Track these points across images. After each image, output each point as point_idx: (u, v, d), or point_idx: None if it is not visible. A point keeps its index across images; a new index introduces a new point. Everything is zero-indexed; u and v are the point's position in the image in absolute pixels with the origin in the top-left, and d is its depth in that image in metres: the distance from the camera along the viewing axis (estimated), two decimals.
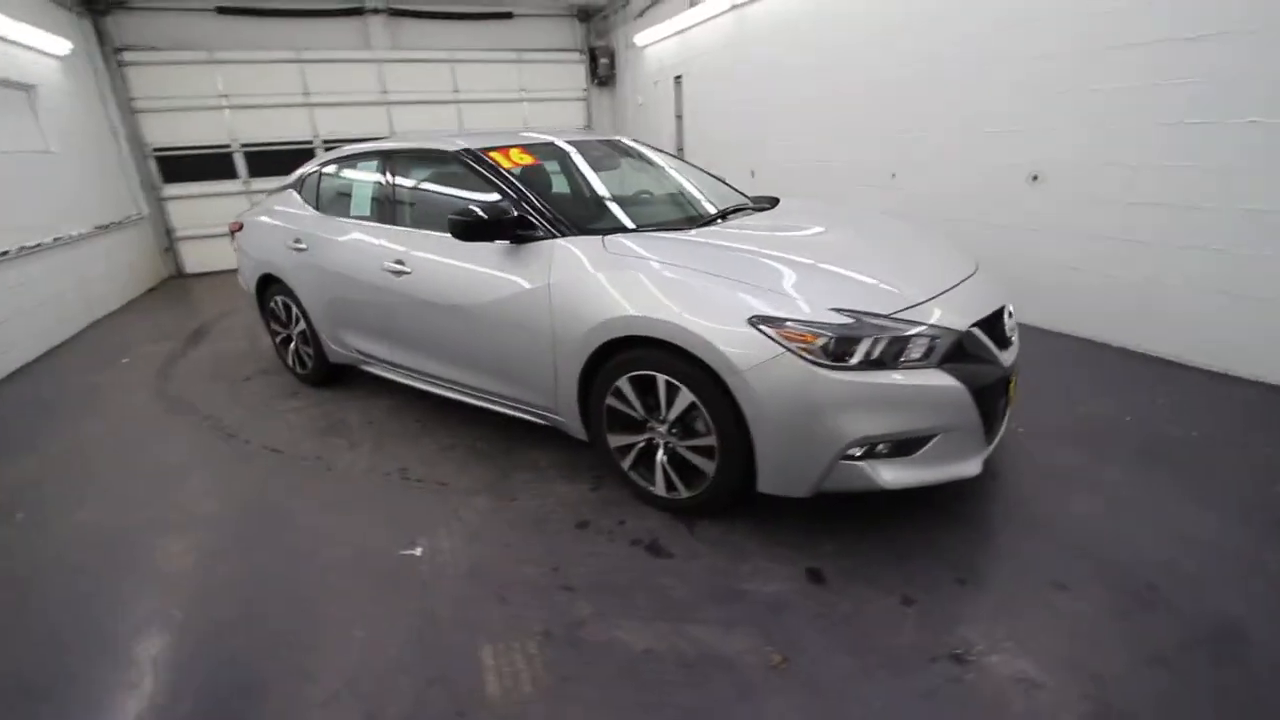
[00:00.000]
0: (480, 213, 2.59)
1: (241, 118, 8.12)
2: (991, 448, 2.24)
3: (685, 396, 2.21)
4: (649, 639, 1.86)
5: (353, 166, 3.59)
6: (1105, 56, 3.63)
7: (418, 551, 2.33)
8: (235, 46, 7.89)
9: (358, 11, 8.40)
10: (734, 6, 6.73)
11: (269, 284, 4.00)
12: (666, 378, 2.24)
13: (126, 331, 5.80)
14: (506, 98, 9.43)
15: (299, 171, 3.99)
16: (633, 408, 2.39)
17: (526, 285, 2.57)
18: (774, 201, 3.30)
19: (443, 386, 3.17)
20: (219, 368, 4.55)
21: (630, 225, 2.73)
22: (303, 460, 3.10)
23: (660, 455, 2.41)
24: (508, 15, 9.10)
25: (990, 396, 2.15)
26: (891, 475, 2.06)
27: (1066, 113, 3.88)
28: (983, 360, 2.17)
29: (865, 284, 2.21)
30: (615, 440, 2.52)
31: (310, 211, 3.72)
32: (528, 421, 2.89)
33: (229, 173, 8.25)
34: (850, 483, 2.08)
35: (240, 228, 4.23)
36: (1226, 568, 2.03)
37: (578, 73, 9.84)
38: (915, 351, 2.03)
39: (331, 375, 3.97)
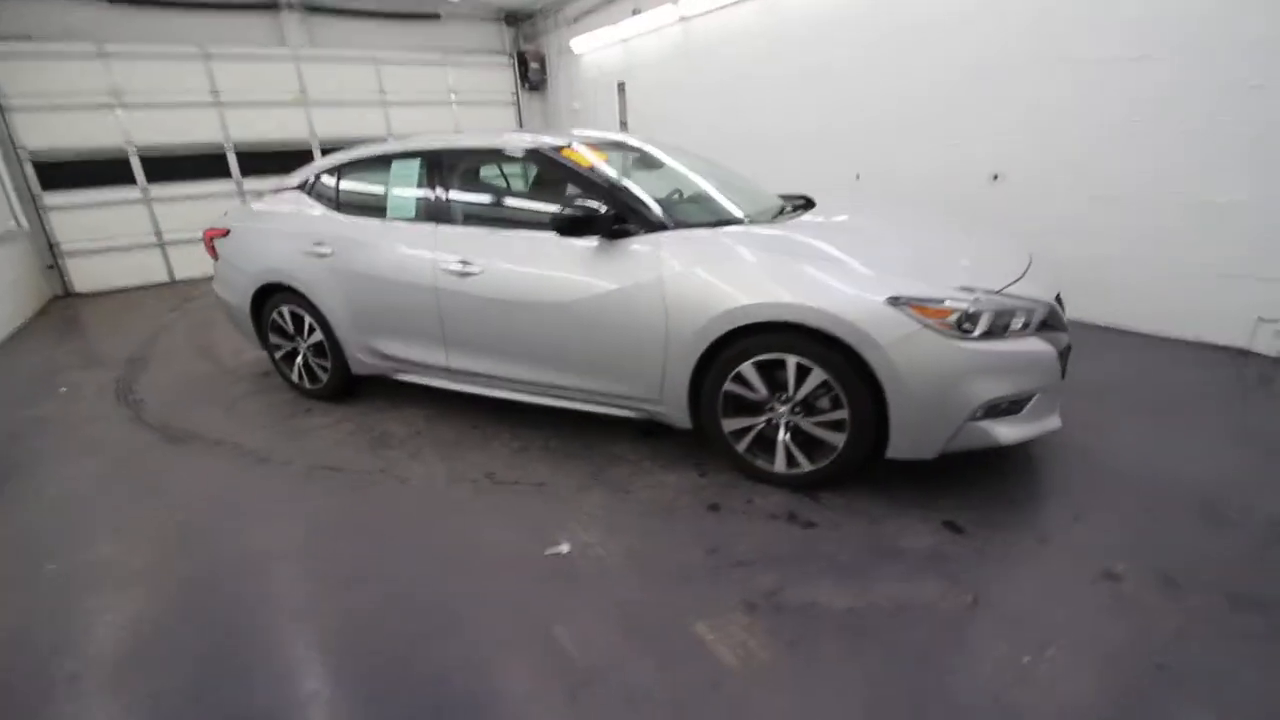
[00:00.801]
0: (581, 210, 2.61)
1: (138, 118, 7.29)
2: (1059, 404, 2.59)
3: (817, 375, 2.37)
4: (846, 598, 1.99)
5: (384, 167, 3.39)
6: (1057, 70, 4.22)
7: (564, 549, 2.31)
8: (129, 39, 7.06)
9: (271, 6, 7.80)
10: (681, 20, 7.00)
11: (268, 294, 3.69)
12: (798, 359, 2.38)
13: (39, 360, 5.05)
14: (435, 100, 9.13)
15: (304, 173, 3.71)
16: (754, 391, 2.51)
17: (630, 281, 2.61)
18: (807, 198, 3.53)
19: (514, 389, 3.10)
20: (195, 390, 4.11)
21: (731, 218, 2.84)
22: (370, 476, 2.92)
23: (782, 434, 2.55)
24: (434, 16, 8.82)
25: (1064, 359, 2.50)
26: (1007, 431, 2.33)
27: (1024, 119, 4.45)
28: (1058, 329, 2.51)
29: (968, 266, 2.49)
30: (731, 424, 2.62)
31: (331, 214, 3.48)
32: (597, 417, 2.93)
33: (125, 178, 7.36)
34: (973, 441, 2.33)
35: (225, 233, 3.85)
36: (1256, 483, 2.49)
37: (506, 76, 9.71)
38: (1018, 323, 2.33)
39: (345, 389, 3.73)
